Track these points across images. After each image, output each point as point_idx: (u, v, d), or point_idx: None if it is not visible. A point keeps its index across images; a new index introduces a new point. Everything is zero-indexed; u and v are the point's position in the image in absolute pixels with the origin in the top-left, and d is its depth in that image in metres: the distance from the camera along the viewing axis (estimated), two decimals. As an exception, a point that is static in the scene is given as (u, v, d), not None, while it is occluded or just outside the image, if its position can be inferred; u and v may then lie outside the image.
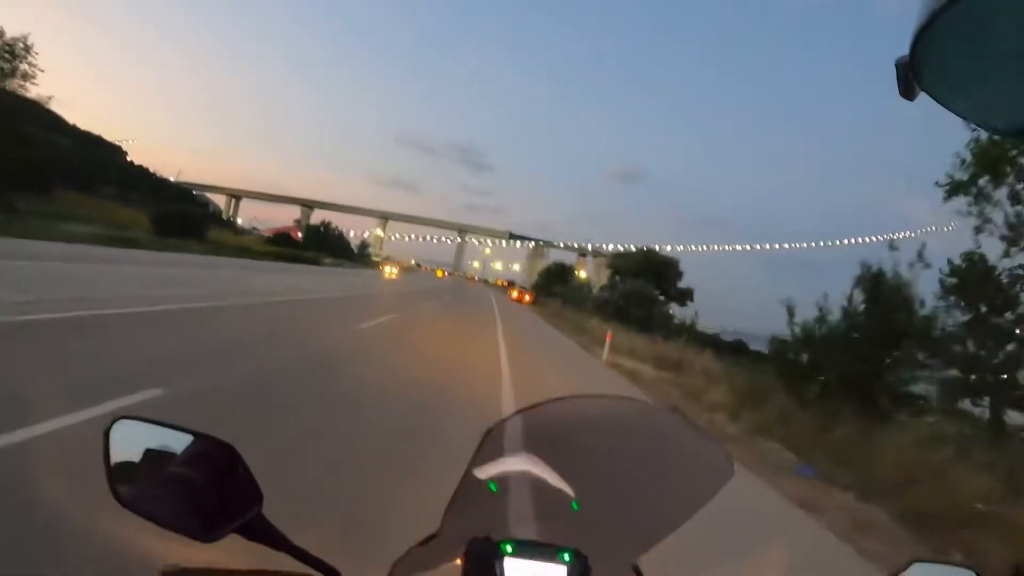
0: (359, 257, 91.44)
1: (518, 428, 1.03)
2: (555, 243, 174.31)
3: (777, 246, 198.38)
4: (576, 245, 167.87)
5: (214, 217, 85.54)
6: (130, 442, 0.88)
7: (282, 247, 61.86)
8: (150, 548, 1.91)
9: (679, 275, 61.63)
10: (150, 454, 0.87)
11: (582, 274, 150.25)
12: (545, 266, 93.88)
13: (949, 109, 0.52)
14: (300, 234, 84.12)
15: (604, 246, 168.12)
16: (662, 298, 50.61)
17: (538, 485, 1.02)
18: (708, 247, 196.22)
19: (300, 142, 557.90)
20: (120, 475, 0.86)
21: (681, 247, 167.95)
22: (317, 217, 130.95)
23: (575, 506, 1.03)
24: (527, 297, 70.46)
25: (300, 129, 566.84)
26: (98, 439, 0.88)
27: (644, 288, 49.28)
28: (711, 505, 1.02)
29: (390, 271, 61.69)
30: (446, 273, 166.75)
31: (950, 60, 0.48)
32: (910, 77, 0.50)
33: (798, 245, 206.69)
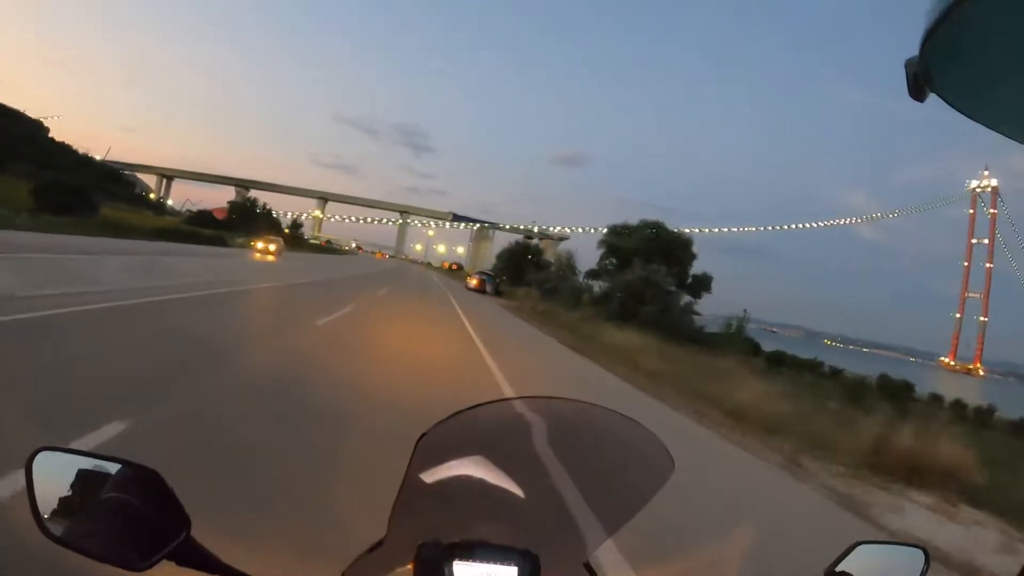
0: (291, 238, 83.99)
1: (454, 432, 0.98)
2: (501, 225, 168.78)
3: (724, 230, 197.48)
4: (522, 227, 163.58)
5: (140, 197, 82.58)
6: (55, 474, 0.84)
7: (202, 227, 56.59)
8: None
9: (693, 257, 46.63)
10: (76, 485, 0.84)
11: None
12: (506, 248, 78.39)
13: (958, 110, 0.53)
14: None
15: (551, 228, 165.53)
16: (673, 288, 39.57)
17: (484, 487, 1.02)
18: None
19: (240, 124, 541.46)
20: (47, 509, 0.82)
21: (591, 228, 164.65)
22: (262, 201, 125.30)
23: (523, 507, 1.03)
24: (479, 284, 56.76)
25: (240, 111, 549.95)
26: None
27: (657, 275, 37.45)
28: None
29: (263, 248, 40.02)
30: (387, 256, 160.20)
31: (959, 61, 0.49)
32: (919, 78, 0.51)
33: (743, 229, 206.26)
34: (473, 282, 58.75)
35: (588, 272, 49.80)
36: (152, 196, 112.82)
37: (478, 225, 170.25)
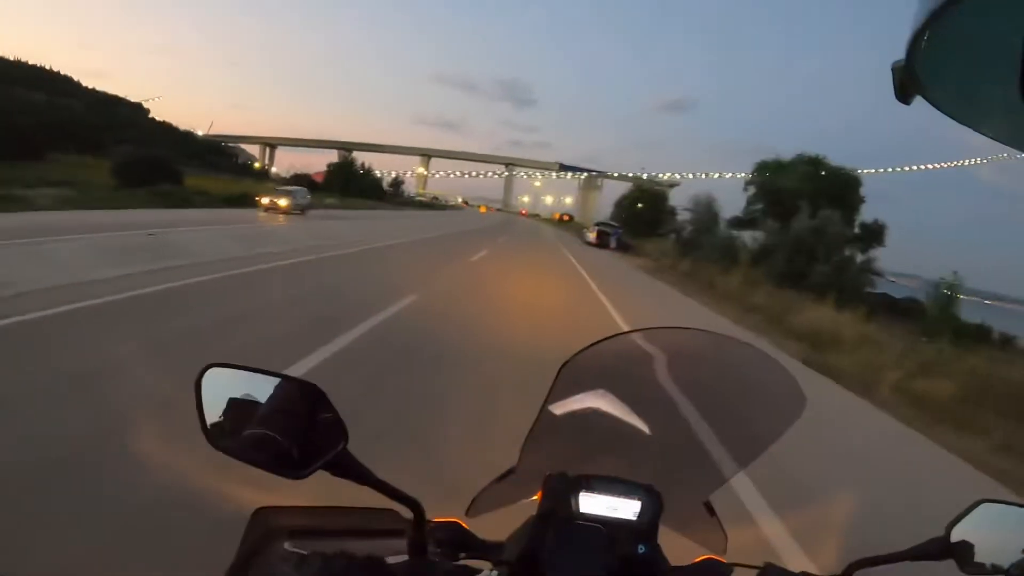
0: (392, 196, 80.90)
1: (592, 362, 1.00)
2: (609, 173, 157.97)
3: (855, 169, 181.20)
4: (630, 175, 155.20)
5: (243, 167, 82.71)
6: (221, 389, 0.90)
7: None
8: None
9: (861, 201, 38.21)
10: (240, 399, 0.89)
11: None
12: (626, 195, 69.01)
13: (944, 113, 0.54)
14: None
15: (660, 175, 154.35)
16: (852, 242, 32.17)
17: (613, 421, 1.04)
18: (731, 174, 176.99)
19: (342, 91, 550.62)
20: (214, 421, 0.88)
21: (740, 174, 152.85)
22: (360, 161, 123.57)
23: (648, 442, 1.05)
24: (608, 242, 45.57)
25: (341, 78, 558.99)
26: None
27: (833, 225, 29.05)
28: None
29: (271, 203, 29.35)
30: (491, 209, 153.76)
31: (946, 64, 0.49)
32: (905, 81, 0.52)
33: (868, 171, 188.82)
34: (592, 235, 48.22)
35: (732, 220, 39.84)
36: (257, 165, 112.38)
37: (586, 175, 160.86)
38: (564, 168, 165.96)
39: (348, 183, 65.11)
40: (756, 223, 37.21)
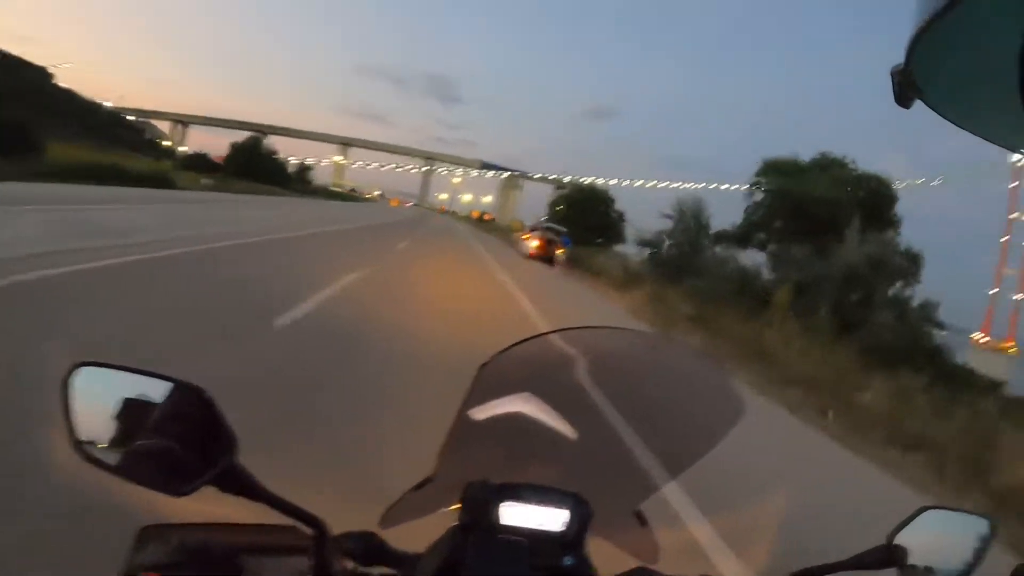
0: (297, 183, 74.47)
1: (513, 365, 0.96)
2: (530, 174, 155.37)
3: (724, 187, 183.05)
4: (552, 177, 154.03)
5: (150, 143, 78.49)
6: (94, 390, 0.80)
7: (198, 171, 50.03)
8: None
9: (897, 221, 28.78)
10: (115, 402, 0.79)
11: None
12: (564, 195, 59.82)
13: (944, 117, 0.54)
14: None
15: (583, 180, 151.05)
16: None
17: (537, 426, 0.98)
18: (681, 184, 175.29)
19: (266, 75, 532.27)
20: (84, 428, 0.78)
21: (652, 183, 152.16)
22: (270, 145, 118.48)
23: (574, 449, 1.00)
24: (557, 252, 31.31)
25: (266, 62, 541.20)
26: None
27: (892, 252, 22.56)
28: None
29: None
30: (405, 203, 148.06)
31: (945, 68, 0.50)
32: (905, 85, 0.52)
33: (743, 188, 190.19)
34: (534, 244, 32.46)
35: (717, 235, 30.05)
36: (167, 143, 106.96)
37: (507, 174, 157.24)
38: (486, 166, 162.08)
39: (250, 166, 60.50)
40: (751, 239, 29.63)
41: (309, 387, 5.12)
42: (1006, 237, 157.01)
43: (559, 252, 31.74)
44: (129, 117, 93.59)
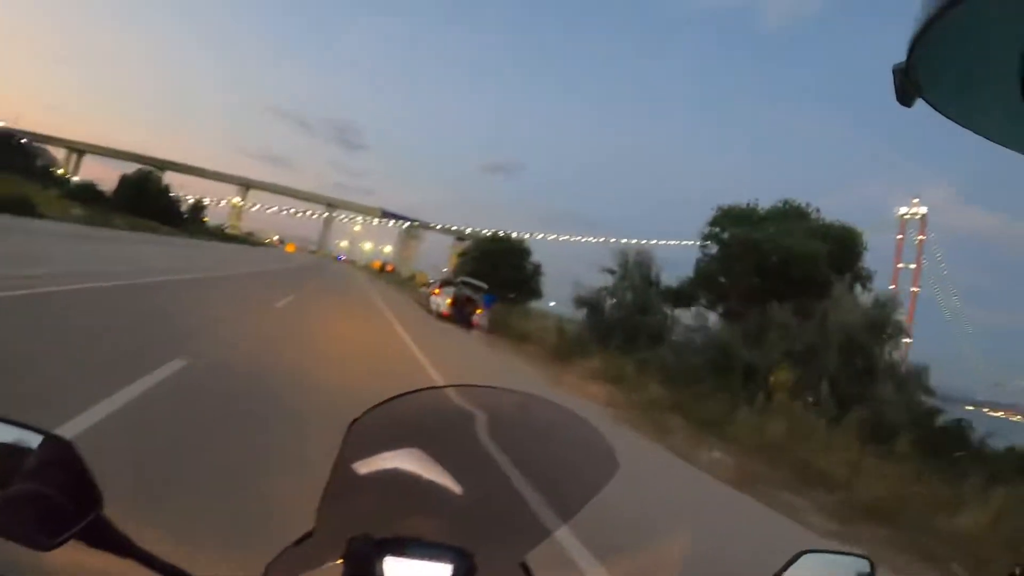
0: (188, 223, 73.04)
1: (388, 420, 0.95)
2: (431, 224, 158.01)
3: (633, 241, 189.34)
4: (453, 228, 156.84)
5: (41, 170, 76.76)
6: None
7: (85, 202, 49.93)
8: None
9: (862, 256, 25.23)
10: None
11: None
12: (475, 243, 57.40)
13: (945, 115, 0.54)
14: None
15: (485, 232, 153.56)
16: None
17: (419, 479, 0.97)
18: (575, 238, 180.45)
19: (167, 108, 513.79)
20: None
21: (555, 236, 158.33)
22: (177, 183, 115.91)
23: (459, 502, 0.99)
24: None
25: (172, 95, 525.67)
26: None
27: (893, 311, 20.06)
28: None
29: None
30: (300, 250, 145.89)
31: (946, 66, 0.49)
32: (907, 84, 0.51)
33: (654, 242, 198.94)
34: (445, 302, 28.07)
35: (664, 292, 25.61)
36: (60, 171, 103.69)
37: (408, 223, 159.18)
38: (387, 215, 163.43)
39: (139, 200, 59.98)
40: (696, 298, 25.60)
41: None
42: (892, 286, 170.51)
43: (478, 312, 27.69)
44: (22, 141, 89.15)
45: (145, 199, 61.54)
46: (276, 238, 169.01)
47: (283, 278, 30.02)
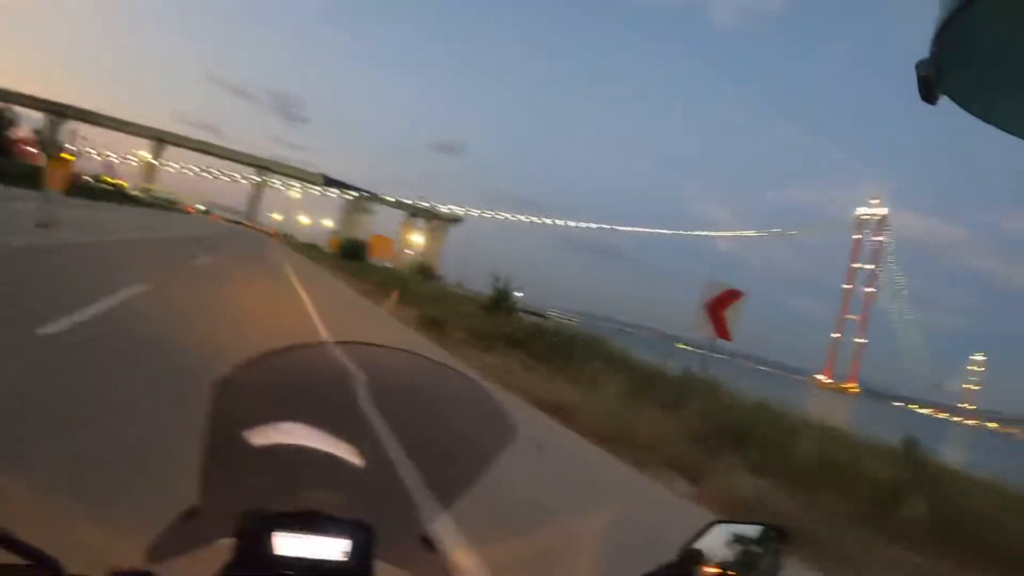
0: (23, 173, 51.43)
1: (261, 378, 0.89)
2: (384, 196, 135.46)
3: (573, 224, 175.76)
4: (408, 202, 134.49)
5: None
6: None
7: None
8: None
9: None
10: None
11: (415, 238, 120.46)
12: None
13: (969, 112, 0.53)
14: None
15: (439, 207, 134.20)
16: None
17: (307, 449, 0.90)
18: (514, 217, 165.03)
19: (104, 69, 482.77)
20: None
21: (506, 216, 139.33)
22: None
23: (352, 473, 0.93)
24: None
25: (109, 55, 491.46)
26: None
27: None
28: None
29: None
30: (221, 218, 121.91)
31: (971, 62, 0.49)
32: (930, 80, 0.50)
33: (595, 226, 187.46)
34: None
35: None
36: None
37: (356, 194, 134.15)
38: (330, 182, 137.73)
39: None
40: None
41: None
42: (848, 285, 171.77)
43: None
44: None
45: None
46: (200, 207, 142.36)
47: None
